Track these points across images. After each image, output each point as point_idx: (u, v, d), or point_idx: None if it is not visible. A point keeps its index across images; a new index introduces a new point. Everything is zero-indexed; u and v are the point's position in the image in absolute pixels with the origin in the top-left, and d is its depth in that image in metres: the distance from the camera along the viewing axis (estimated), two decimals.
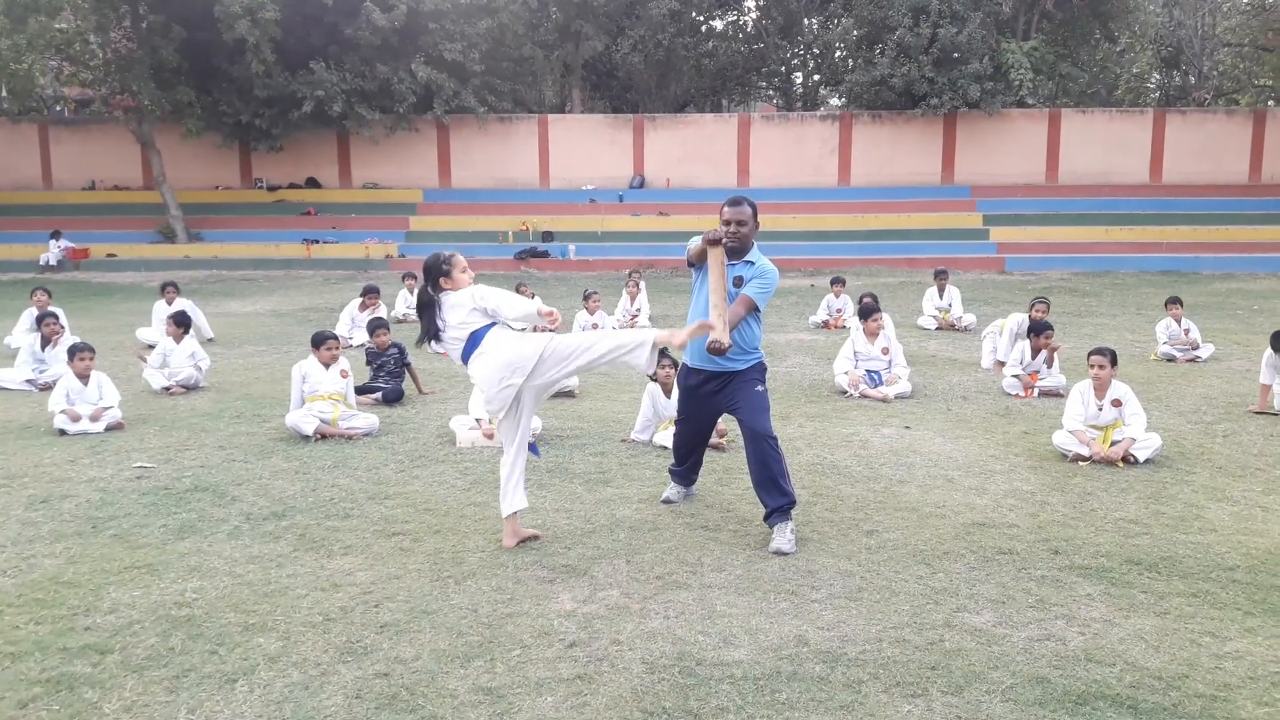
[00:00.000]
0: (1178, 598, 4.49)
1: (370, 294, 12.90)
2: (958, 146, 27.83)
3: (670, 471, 6.06)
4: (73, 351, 8.16)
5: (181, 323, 9.79)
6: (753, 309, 5.32)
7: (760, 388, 5.44)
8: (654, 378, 7.51)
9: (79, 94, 28.29)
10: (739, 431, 5.57)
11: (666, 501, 5.94)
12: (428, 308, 5.11)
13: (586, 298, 12.44)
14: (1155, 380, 9.74)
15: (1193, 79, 36.07)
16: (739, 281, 5.36)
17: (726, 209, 5.38)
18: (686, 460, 5.94)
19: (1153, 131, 27.63)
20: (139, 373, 9.81)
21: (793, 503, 5.28)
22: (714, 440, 7.15)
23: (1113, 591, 4.57)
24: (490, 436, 7.37)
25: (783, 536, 5.14)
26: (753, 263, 5.41)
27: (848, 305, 13.97)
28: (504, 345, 5.00)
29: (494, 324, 5.07)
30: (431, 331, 5.12)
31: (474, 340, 5.04)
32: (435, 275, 5.12)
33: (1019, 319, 10.59)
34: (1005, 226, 25.25)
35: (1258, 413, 8.30)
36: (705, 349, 5.05)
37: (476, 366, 5.04)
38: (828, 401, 8.94)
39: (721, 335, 4.92)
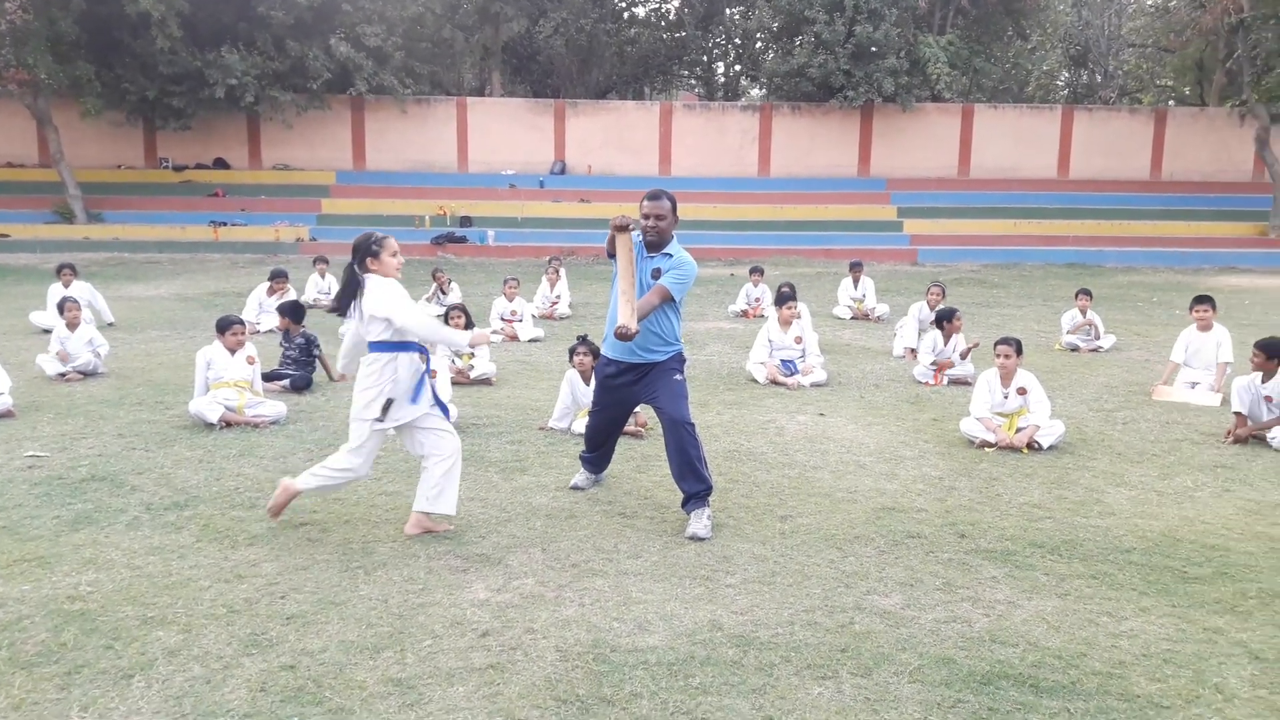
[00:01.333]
0: (1078, 579, 4.64)
1: (278, 278, 12.58)
2: (874, 140, 28.32)
3: (581, 458, 6.04)
4: None
5: (64, 307, 9.41)
6: (668, 299, 5.30)
7: (679, 376, 5.44)
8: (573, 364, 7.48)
9: None
10: (658, 420, 5.57)
11: (575, 488, 5.92)
12: (349, 288, 4.99)
13: (505, 283, 12.32)
14: (1059, 369, 10.05)
15: (1099, 78, 37.33)
16: (658, 274, 5.34)
17: (646, 203, 5.37)
18: (598, 448, 5.92)
19: (1061, 128, 28.51)
20: (32, 358, 9.39)
21: (709, 489, 5.30)
22: (633, 428, 7.15)
23: (1016, 574, 4.69)
24: None
25: (699, 522, 5.15)
26: (671, 255, 5.39)
27: (766, 294, 14.09)
28: (373, 379, 4.96)
29: (397, 347, 4.97)
30: (345, 312, 5.05)
31: (372, 347, 4.99)
32: (363, 254, 4.99)
33: (918, 306, 11.27)
34: (918, 219, 25.80)
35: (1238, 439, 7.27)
36: (614, 334, 5.03)
37: (361, 371, 5.01)
38: (745, 389, 9.01)
39: (629, 321, 4.91)
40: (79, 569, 4.58)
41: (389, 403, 4.95)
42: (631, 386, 5.50)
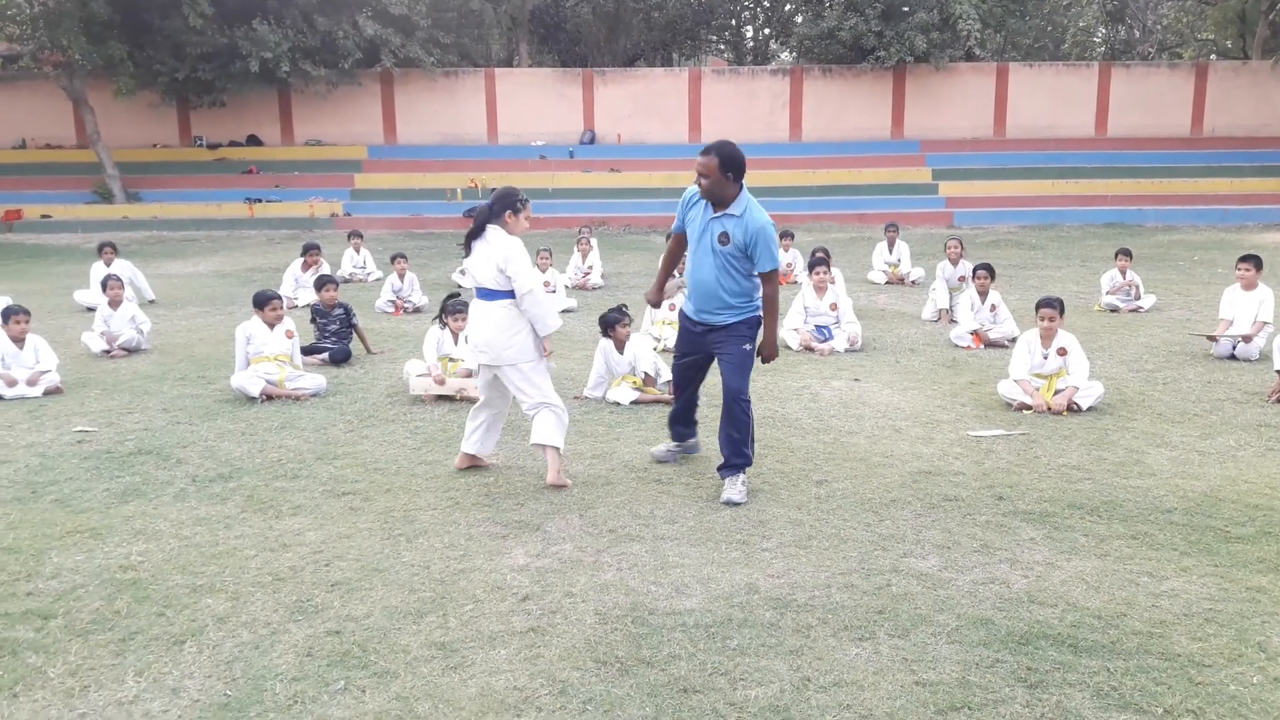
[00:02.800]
0: (1117, 540, 4.61)
1: (311, 251, 12.70)
2: (907, 101, 27.89)
3: (670, 422, 5.88)
4: (7, 314, 7.93)
5: (107, 285, 9.56)
6: (775, 278, 5.27)
7: (748, 346, 5.33)
8: (607, 335, 7.49)
9: (5, 49, 27.18)
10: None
11: (659, 461, 5.84)
12: (478, 233, 5.31)
13: (538, 254, 12.35)
14: (1099, 330, 9.92)
15: (1137, 33, 36.47)
16: (724, 239, 5.12)
17: (698, 157, 5.21)
18: (682, 390, 5.72)
19: (1098, 85, 27.90)
20: (77, 335, 9.58)
21: (748, 464, 5.31)
22: (667, 396, 7.17)
23: (1055, 535, 4.67)
24: (441, 382, 7.32)
25: (734, 487, 5.18)
26: (736, 215, 5.13)
27: (798, 260, 13.99)
28: (508, 322, 5.30)
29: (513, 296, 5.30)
30: (469, 248, 5.37)
31: (491, 295, 5.31)
32: (507, 204, 5.30)
33: (941, 266, 11.36)
34: (954, 181, 25.44)
35: None
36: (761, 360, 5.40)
37: (484, 311, 5.31)
38: (779, 356, 8.97)
39: (771, 347, 5.46)
40: (129, 539, 4.70)
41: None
42: (705, 335, 5.39)
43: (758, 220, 5.15)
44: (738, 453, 5.28)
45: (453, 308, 7.50)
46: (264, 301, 7.74)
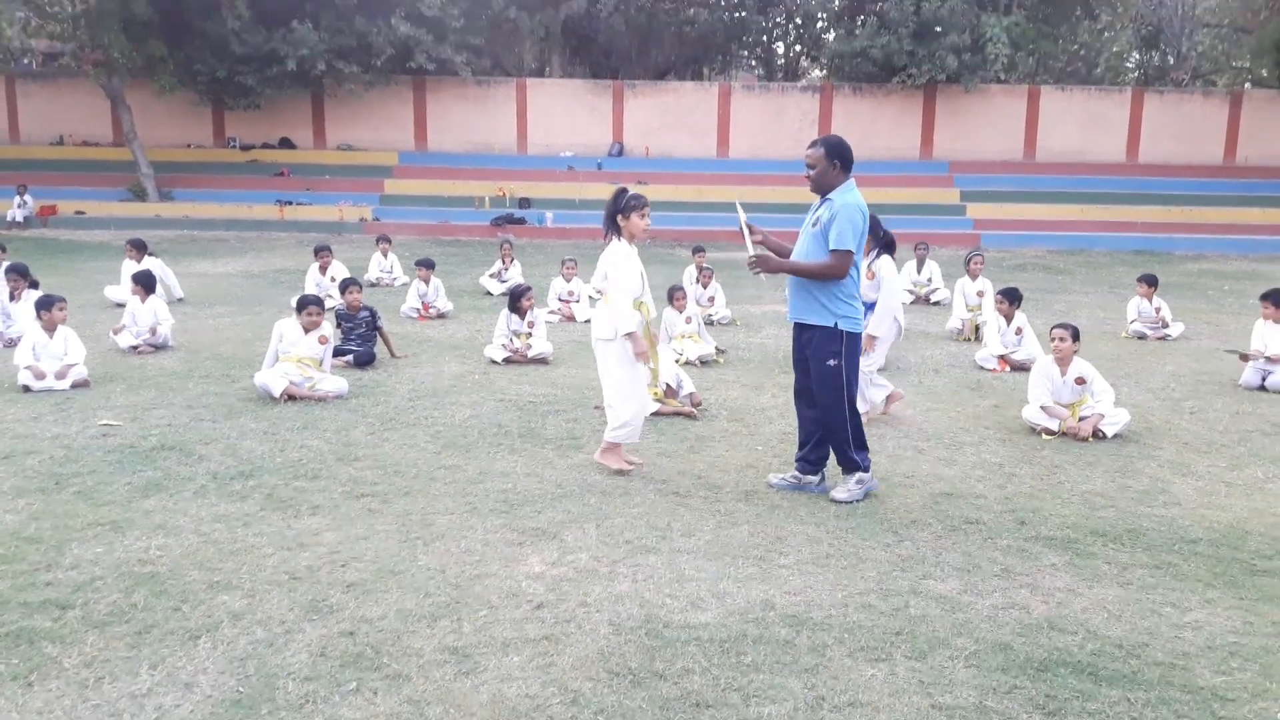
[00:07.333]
0: (1140, 569, 4.55)
1: (322, 253, 12.83)
2: (937, 122, 27.83)
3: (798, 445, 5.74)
4: (50, 302, 7.97)
5: (143, 282, 9.61)
6: (844, 258, 5.21)
7: (832, 362, 5.28)
8: None
9: (47, 47, 27.65)
10: (713, 401, 5.56)
11: (773, 486, 5.64)
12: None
13: (563, 264, 12.40)
14: (1125, 357, 9.82)
15: (1171, 59, 36.22)
16: (815, 221, 5.38)
17: (806, 151, 5.51)
18: (800, 404, 5.66)
19: (1130, 111, 27.75)
20: (106, 331, 9.67)
21: (857, 467, 5.44)
22: (687, 409, 7.15)
23: (1077, 562, 4.61)
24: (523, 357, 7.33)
25: (841, 486, 5.41)
26: (831, 199, 5.34)
27: None
28: None
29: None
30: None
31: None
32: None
33: (962, 282, 11.50)
34: (982, 203, 25.32)
35: None
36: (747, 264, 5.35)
37: None
38: None
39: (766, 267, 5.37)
40: (149, 534, 4.72)
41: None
42: (799, 339, 5.53)
43: (848, 201, 5.28)
44: (842, 455, 5.42)
45: (518, 291, 9.20)
46: (301, 306, 7.83)
